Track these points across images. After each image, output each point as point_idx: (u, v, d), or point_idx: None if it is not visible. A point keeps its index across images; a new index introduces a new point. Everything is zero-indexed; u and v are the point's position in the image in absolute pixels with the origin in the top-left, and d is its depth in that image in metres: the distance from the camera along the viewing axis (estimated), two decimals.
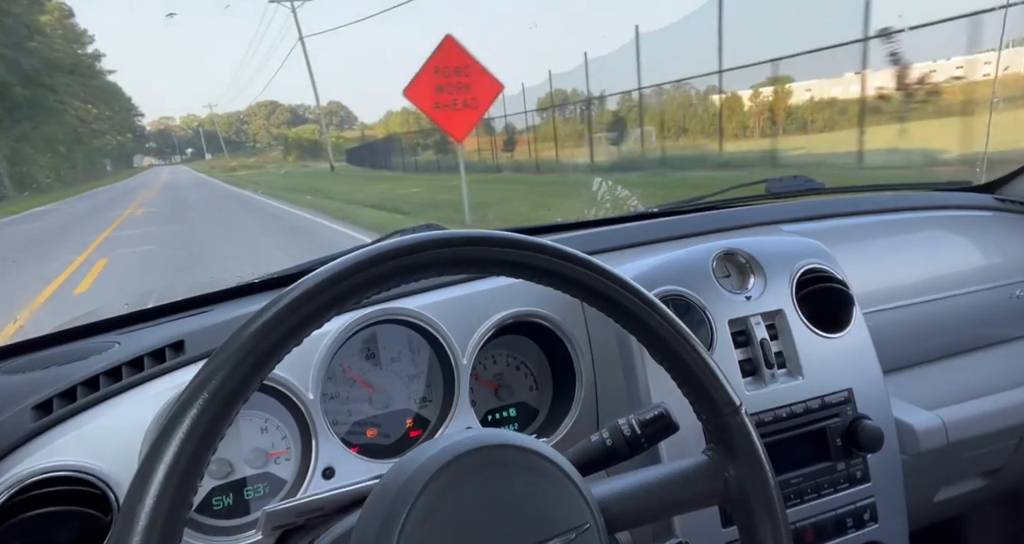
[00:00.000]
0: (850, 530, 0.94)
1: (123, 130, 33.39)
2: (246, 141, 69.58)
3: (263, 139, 68.24)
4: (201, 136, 66.01)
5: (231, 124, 70.22)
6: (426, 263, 0.48)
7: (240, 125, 71.01)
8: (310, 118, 67.22)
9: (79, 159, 19.77)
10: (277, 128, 68.09)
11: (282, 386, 0.81)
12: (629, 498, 0.56)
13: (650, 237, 1.12)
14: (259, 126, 69.51)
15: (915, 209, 1.34)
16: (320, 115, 45.27)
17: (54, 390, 0.78)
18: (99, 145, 27.23)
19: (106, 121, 27.32)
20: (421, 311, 0.88)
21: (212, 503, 0.81)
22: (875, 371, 0.99)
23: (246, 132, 70.31)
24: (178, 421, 0.41)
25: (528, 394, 1.00)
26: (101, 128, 27.21)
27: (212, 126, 67.48)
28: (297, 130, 51.39)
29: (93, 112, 23.64)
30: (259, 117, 70.12)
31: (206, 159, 59.31)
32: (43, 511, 0.68)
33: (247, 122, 70.76)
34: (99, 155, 28.64)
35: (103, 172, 24.12)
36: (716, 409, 0.56)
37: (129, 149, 44.80)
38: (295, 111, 69.79)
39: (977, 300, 1.23)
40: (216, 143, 66.66)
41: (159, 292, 1.35)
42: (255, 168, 42.98)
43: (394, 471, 0.50)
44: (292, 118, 68.93)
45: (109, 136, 28.30)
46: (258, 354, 0.43)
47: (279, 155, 53.99)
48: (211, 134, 65.85)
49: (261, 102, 70.85)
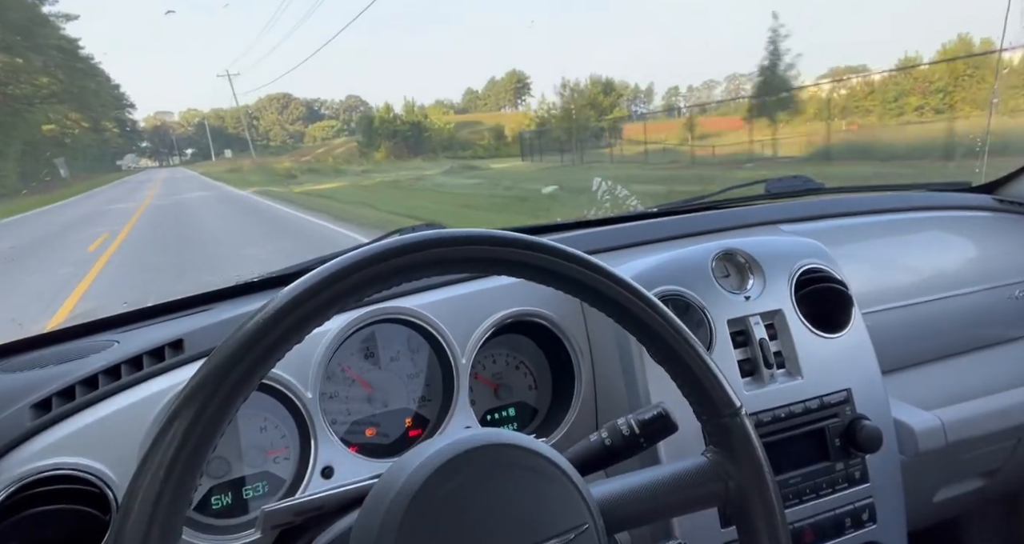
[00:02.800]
0: (849, 530, 0.94)
1: (101, 118, 23.36)
2: (258, 139, 62.01)
3: (277, 136, 61.37)
4: (207, 131, 57.26)
5: (239, 120, 61.07)
6: (427, 262, 0.48)
7: (251, 121, 62.90)
8: (327, 114, 61.46)
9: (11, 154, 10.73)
10: (292, 124, 61.59)
11: (281, 385, 0.81)
12: (628, 499, 0.55)
13: (650, 237, 1.12)
14: (272, 121, 62.20)
15: (914, 209, 1.34)
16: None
17: (53, 389, 0.78)
18: (53, 136, 17.16)
19: (68, 99, 17.74)
20: (420, 310, 0.88)
21: (211, 502, 0.81)
22: (874, 371, 0.99)
23: (258, 128, 62.87)
24: (177, 420, 0.41)
25: (527, 394, 1.00)
26: (58, 112, 17.14)
27: (218, 121, 58.48)
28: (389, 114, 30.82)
29: (42, 81, 14.81)
30: (271, 112, 62.82)
31: (214, 160, 50.52)
32: (42, 509, 0.68)
33: (258, 117, 63.09)
34: (52, 149, 17.84)
35: (56, 181, 12.84)
36: (716, 410, 0.56)
37: (115, 147, 30.83)
38: (310, 106, 62.31)
39: (976, 301, 1.23)
40: (224, 141, 57.73)
41: (158, 291, 1.35)
42: (332, 174, 24.18)
43: (393, 470, 0.50)
44: (308, 113, 62.13)
45: (72, 122, 18.51)
46: (257, 352, 0.43)
47: (344, 151, 36.05)
48: (217, 130, 57.66)
49: (272, 95, 62.18)
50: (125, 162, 36.08)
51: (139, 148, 59.38)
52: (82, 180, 20.64)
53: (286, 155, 39.74)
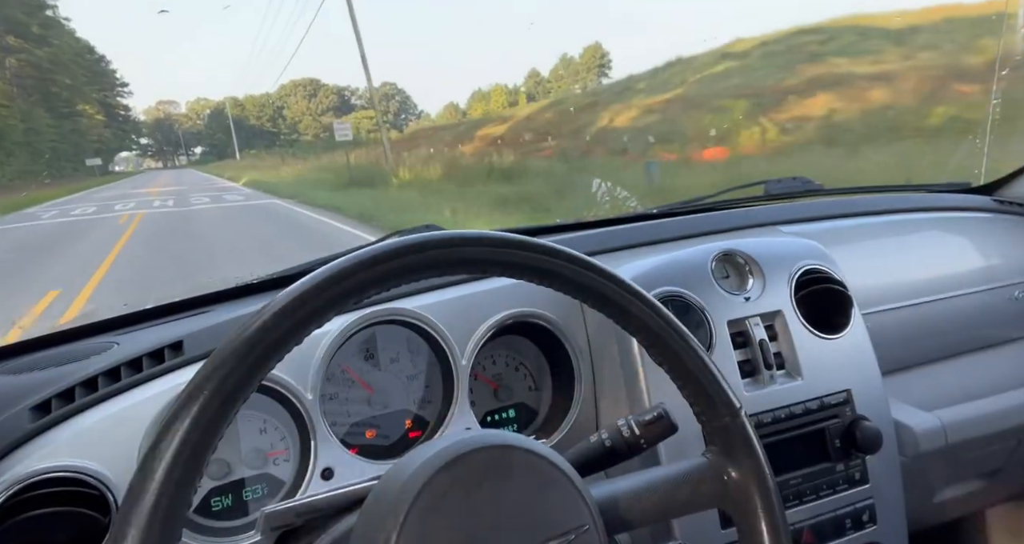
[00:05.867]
0: (849, 531, 0.94)
1: (77, 101, 14.77)
2: (285, 131, 49.56)
3: (308, 128, 48.32)
4: (228, 123, 44.66)
5: (262, 108, 48.97)
6: (426, 263, 0.48)
7: (275, 112, 49.83)
8: (359, 104, 50.16)
9: None
10: (322, 115, 49.70)
11: (281, 387, 0.81)
12: (628, 500, 0.55)
13: (649, 238, 1.12)
14: (300, 110, 50.09)
15: (914, 210, 1.34)
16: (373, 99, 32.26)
17: (53, 391, 0.78)
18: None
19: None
20: (420, 312, 0.88)
21: (211, 504, 0.81)
22: (874, 372, 0.99)
23: (285, 119, 50.51)
24: (177, 422, 0.41)
25: (527, 395, 1.00)
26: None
27: (235, 110, 46.61)
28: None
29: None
30: (297, 98, 50.54)
31: (238, 159, 38.36)
32: (41, 512, 0.68)
33: (285, 106, 50.48)
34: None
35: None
36: (716, 411, 0.56)
37: (96, 140, 20.31)
38: (341, 93, 51.70)
39: (976, 301, 1.23)
40: (243, 136, 44.19)
41: (158, 292, 1.35)
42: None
43: (393, 472, 0.50)
44: (339, 102, 51.25)
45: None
46: (257, 354, 0.43)
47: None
48: (236, 122, 47.08)
49: (297, 81, 49.96)
50: (129, 163, 27.38)
51: (138, 145, 44.62)
52: (43, 187, 12.88)
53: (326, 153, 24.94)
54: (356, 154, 20.05)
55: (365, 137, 34.94)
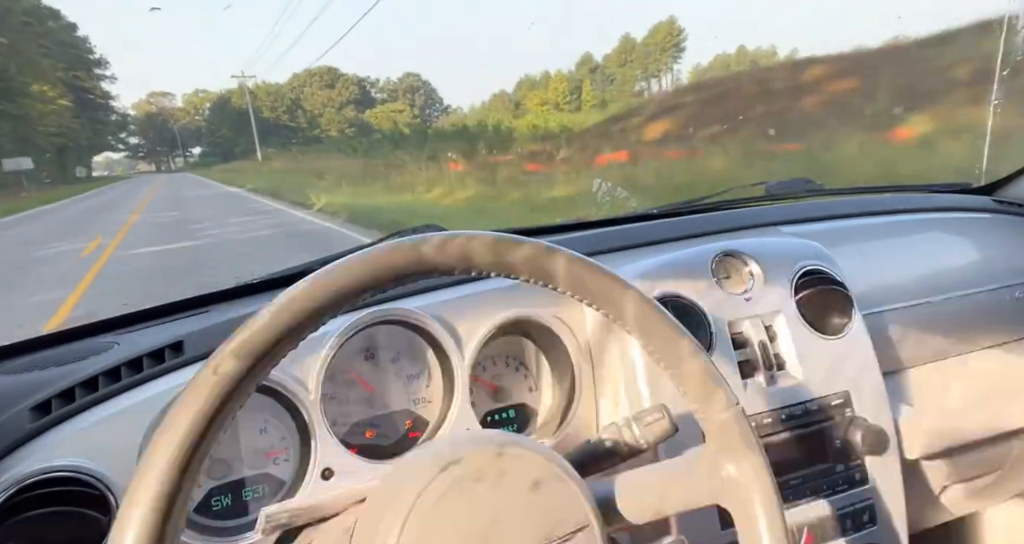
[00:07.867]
0: (848, 532, 0.94)
1: (28, 78, 10.29)
2: (304, 126, 42.26)
3: (331, 123, 40.88)
4: (250, 111, 36.19)
5: (277, 100, 41.34)
6: (424, 264, 0.48)
7: (293, 104, 41.97)
8: (379, 98, 44.40)
9: None
10: (342, 108, 42.78)
11: (281, 387, 0.81)
12: (628, 497, 0.56)
13: (649, 238, 1.12)
14: (320, 102, 43.33)
15: (914, 211, 1.34)
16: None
17: (53, 391, 0.78)
18: None
19: None
20: (421, 312, 0.88)
21: (211, 504, 0.81)
22: (874, 373, 0.99)
23: (305, 111, 43.34)
24: (177, 421, 0.41)
25: (527, 395, 1.00)
26: None
27: (253, 101, 37.88)
28: None
29: None
30: (314, 89, 43.69)
31: (260, 158, 29.57)
32: (42, 512, 0.68)
33: (303, 98, 42.88)
34: None
35: None
36: (714, 408, 0.56)
37: (68, 137, 13.71)
38: (361, 85, 45.34)
39: (976, 302, 1.23)
40: (266, 129, 34.88)
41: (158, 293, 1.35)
42: None
43: (393, 472, 0.50)
44: (360, 95, 45.10)
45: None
46: (257, 354, 0.43)
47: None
48: (243, 118, 38.62)
49: (313, 70, 43.36)
50: (102, 167, 19.82)
51: (126, 145, 38.15)
52: None
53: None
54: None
55: (405, 136, 25.56)
